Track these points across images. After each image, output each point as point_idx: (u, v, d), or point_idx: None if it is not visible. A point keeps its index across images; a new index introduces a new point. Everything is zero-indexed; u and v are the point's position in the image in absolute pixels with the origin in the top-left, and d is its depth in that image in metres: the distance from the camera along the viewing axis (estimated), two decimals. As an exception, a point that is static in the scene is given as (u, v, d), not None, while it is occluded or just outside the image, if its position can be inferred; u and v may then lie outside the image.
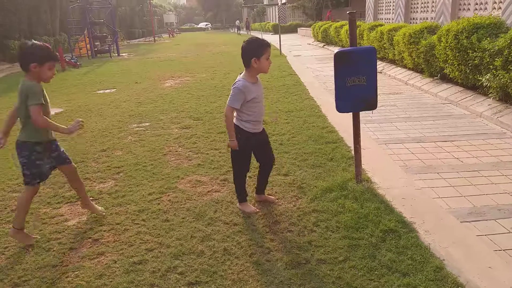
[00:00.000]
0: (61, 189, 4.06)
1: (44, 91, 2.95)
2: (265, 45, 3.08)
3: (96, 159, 4.89)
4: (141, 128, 6.26)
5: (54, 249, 2.97)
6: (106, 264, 2.75)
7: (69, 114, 7.64)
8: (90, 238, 3.10)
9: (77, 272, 2.67)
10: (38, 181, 3.03)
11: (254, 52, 3.03)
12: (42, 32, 22.67)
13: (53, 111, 7.96)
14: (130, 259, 2.78)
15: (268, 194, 3.61)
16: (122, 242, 3.01)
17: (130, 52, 24.81)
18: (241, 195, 3.42)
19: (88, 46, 21.55)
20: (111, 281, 2.56)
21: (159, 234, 3.09)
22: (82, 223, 3.33)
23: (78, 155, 5.08)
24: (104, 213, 3.41)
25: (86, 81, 12.04)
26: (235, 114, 3.22)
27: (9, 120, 3.06)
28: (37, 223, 3.36)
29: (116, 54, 22.23)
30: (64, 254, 2.90)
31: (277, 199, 3.56)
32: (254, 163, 3.46)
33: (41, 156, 3.00)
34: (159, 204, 3.60)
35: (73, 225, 3.32)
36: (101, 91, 10.15)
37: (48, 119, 2.92)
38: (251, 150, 3.32)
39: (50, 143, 3.09)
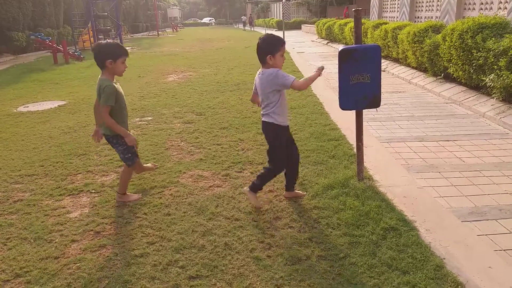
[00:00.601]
0: (63, 181, 4.08)
1: (119, 87, 3.41)
2: (281, 42, 3.11)
3: (99, 152, 4.90)
4: (144, 122, 6.27)
5: (56, 240, 2.98)
6: (107, 256, 2.77)
7: (72, 107, 7.66)
8: (92, 230, 3.12)
9: (78, 264, 2.69)
10: (137, 158, 3.54)
11: (270, 49, 3.05)
12: (46, 25, 22.65)
13: (56, 103, 8.06)
14: (132, 252, 2.79)
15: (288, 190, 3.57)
16: (124, 235, 3.03)
17: (133, 46, 24.78)
18: (259, 186, 3.36)
19: (91, 39, 21.55)
20: (112, 274, 2.58)
21: (160, 227, 3.10)
22: (84, 215, 3.35)
23: (80, 148, 5.10)
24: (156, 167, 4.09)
25: (89, 74, 12.03)
26: (264, 111, 3.20)
27: (98, 114, 3.50)
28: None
29: (120, 48, 22.18)
30: (65, 246, 2.92)
31: (282, 195, 3.56)
32: (258, 160, 3.45)
33: None
34: (161, 198, 3.61)
35: (75, 217, 3.33)
36: (104, 85, 10.14)
37: (108, 117, 3.27)
38: (286, 144, 3.32)
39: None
